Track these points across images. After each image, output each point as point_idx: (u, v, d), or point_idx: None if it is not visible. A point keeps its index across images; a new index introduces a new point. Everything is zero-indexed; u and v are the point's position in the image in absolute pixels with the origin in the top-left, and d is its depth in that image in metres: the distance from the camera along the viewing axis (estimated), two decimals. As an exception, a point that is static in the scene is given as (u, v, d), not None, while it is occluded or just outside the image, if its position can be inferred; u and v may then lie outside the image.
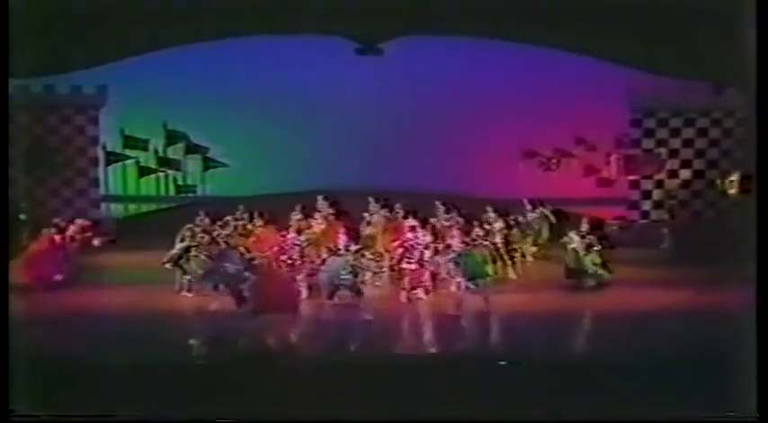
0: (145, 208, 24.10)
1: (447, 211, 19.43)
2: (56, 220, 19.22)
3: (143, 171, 23.92)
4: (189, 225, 18.09)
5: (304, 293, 16.94)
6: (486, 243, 17.24)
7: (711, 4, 17.56)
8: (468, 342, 15.04)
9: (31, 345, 12.99)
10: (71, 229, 18.95)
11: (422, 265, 17.22)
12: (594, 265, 18.09)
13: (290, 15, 20.33)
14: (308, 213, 19.32)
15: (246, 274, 16.39)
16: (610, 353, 13.68)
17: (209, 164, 23.94)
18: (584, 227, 18.56)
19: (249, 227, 19.02)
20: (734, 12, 14.19)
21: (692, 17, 18.92)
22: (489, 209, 19.24)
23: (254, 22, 20.81)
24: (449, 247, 17.25)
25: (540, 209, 20.46)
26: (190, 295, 17.45)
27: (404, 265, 17.29)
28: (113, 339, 14.57)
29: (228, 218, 19.23)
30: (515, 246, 18.96)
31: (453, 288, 16.86)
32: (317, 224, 18.89)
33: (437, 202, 19.69)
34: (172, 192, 24.22)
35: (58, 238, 18.48)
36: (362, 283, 16.86)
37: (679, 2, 19.08)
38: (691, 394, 11.83)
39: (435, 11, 20.20)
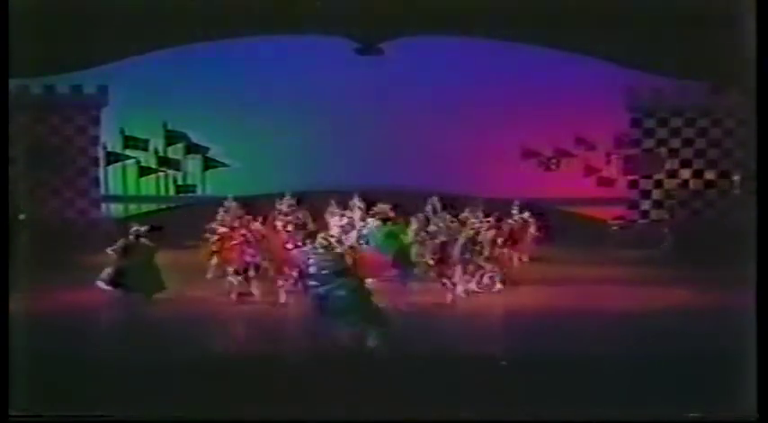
0: (145, 208, 24.09)
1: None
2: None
3: (143, 171, 23.92)
4: None
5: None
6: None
7: (711, 4, 17.58)
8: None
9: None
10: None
11: None
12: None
13: (290, 15, 20.36)
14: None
15: None
16: (608, 352, 13.65)
17: (209, 164, 23.96)
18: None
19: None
20: (734, 12, 14.18)
21: (691, 17, 18.94)
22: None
23: (255, 22, 20.85)
24: None
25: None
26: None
27: None
28: (116, 339, 14.59)
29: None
30: None
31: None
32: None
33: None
34: (172, 192, 24.23)
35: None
36: None
37: (679, 2, 19.12)
38: (690, 394, 11.83)
39: (435, 11, 20.23)
